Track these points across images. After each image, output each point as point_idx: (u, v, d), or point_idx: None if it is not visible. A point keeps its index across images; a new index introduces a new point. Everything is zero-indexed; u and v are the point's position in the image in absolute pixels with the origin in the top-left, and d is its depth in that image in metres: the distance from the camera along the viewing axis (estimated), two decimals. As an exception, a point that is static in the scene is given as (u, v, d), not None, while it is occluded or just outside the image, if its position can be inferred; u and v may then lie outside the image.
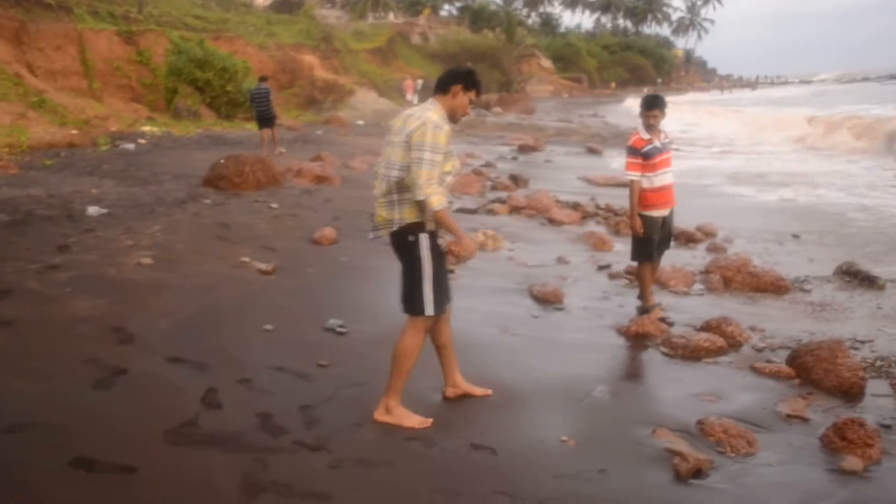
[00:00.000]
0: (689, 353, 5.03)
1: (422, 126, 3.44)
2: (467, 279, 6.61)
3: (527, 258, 7.72)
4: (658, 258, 6.03)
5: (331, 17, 50.71)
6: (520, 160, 18.06)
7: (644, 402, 4.35)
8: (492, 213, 10.34)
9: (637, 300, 6.05)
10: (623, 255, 7.01)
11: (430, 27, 62.52)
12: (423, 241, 3.52)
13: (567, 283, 6.72)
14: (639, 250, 5.90)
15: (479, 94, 3.73)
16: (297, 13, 40.37)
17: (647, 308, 5.84)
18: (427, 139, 3.40)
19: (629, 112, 40.59)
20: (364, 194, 3.62)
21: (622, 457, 3.53)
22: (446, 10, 79.57)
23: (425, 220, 3.53)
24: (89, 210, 7.99)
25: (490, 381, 4.22)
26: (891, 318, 6.11)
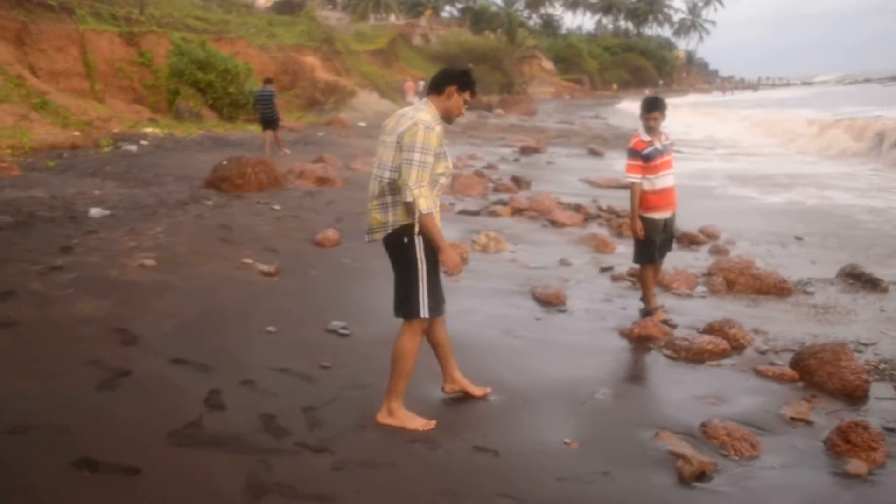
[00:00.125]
0: (692, 356, 5.03)
1: (413, 126, 3.42)
2: (469, 281, 6.61)
3: (529, 260, 7.71)
4: (660, 260, 6.03)
5: (332, 18, 50.74)
6: (521, 162, 18.06)
7: (647, 404, 4.35)
8: (494, 214, 10.35)
9: (640, 302, 6.04)
10: (625, 257, 7.01)
11: (432, 28, 62.62)
12: (417, 242, 3.49)
13: (569, 285, 6.72)
14: (641, 252, 5.90)
15: (474, 94, 3.71)
16: (299, 14, 40.41)
17: (650, 310, 5.84)
18: (418, 140, 3.38)
19: (624, 114, 40.69)
20: (366, 196, 3.62)
21: (625, 459, 3.53)
22: (447, 12, 79.82)
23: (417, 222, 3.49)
24: (92, 211, 7.99)
25: (492, 383, 4.22)
26: (894, 320, 6.10)
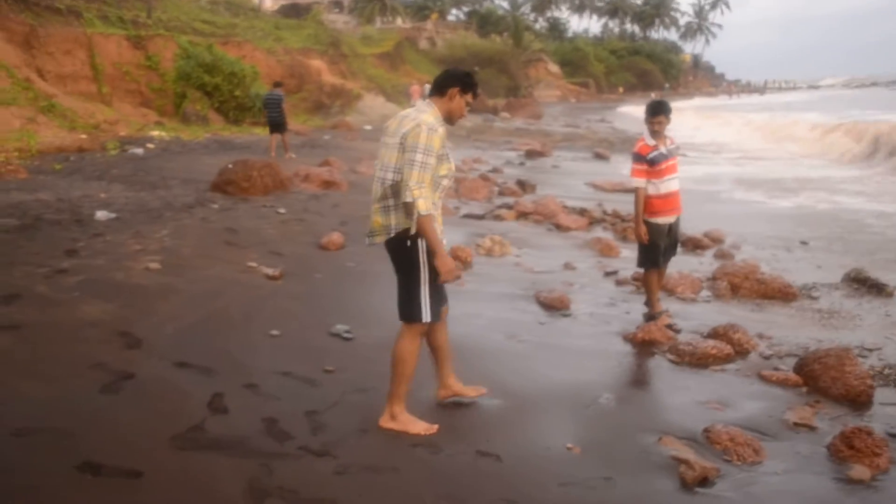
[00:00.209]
0: (696, 361, 5.02)
1: (416, 127, 3.42)
2: (474, 285, 6.61)
3: (533, 264, 7.71)
4: (664, 265, 6.02)
5: (339, 21, 50.84)
6: (527, 165, 18.06)
7: (650, 409, 4.34)
8: (499, 218, 10.35)
9: (644, 307, 6.03)
10: (630, 262, 7.00)
11: (438, 32, 62.66)
12: (420, 245, 3.48)
13: (574, 290, 6.71)
14: (645, 257, 5.88)
15: (476, 96, 3.71)
16: (305, 18, 40.58)
17: (654, 315, 5.82)
18: (421, 141, 3.38)
19: (625, 118, 40.64)
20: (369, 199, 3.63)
21: (628, 464, 3.52)
22: (454, 15, 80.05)
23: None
24: (98, 214, 8.03)
25: (496, 387, 4.22)
26: (899, 325, 6.08)
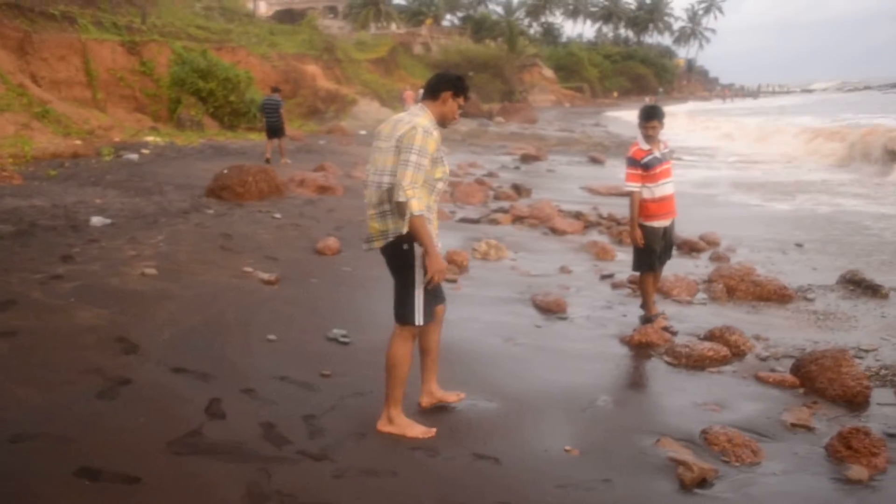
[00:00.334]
0: (693, 363, 5.03)
1: (412, 130, 3.45)
2: (470, 289, 6.62)
3: (529, 268, 7.72)
4: (660, 268, 6.04)
5: (333, 27, 50.97)
6: (522, 170, 18.09)
7: (648, 411, 4.34)
8: (494, 222, 10.36)
9: (640, 309, 6.05)
10: (625, 265, 7.02)
11: (433, 37, 62.77)
12: (417, 249, 3.49)
13: (570, 293, 6.72)
14: (640, 260, 5.90)
15: (468, 99, 3.77)
16: (300, 23, 40.67)
17: (650, 317, 5.84)
18: (416, 143, 3.40)
19: (617, 122, 40.75)
20: (364, 204, 3.63)
21: (626, 466, 3.52)
22: (448, 21, 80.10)
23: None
24: (93, 220, 8.01)
25: (493, 391, 4.22)
26: (895, 326, 6.10)
